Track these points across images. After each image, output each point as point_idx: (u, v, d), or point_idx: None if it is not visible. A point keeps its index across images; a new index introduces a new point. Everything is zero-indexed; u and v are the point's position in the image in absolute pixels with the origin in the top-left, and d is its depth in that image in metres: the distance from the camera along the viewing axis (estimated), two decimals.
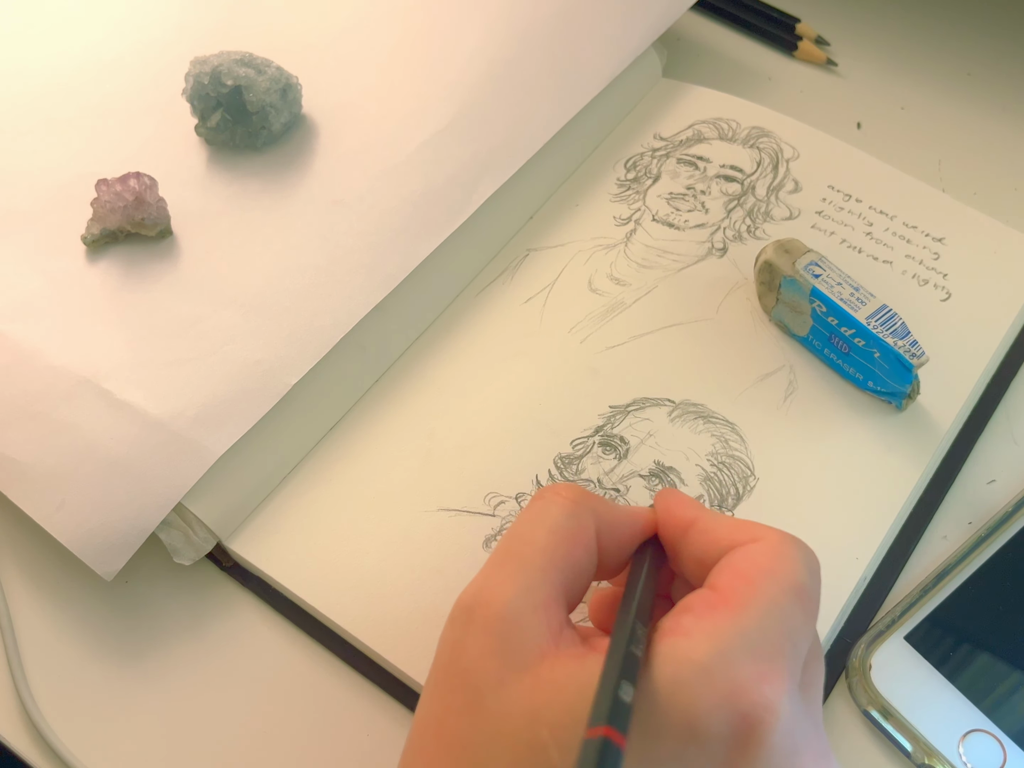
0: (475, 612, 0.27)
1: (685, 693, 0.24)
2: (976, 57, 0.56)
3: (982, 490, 0.40)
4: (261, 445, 0.39)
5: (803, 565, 0.28)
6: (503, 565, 0.28)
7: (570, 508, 0.29)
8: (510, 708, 0.25)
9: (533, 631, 0.26)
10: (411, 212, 0.44)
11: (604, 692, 0.24)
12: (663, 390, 0.41)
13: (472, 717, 0.26)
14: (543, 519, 0.29)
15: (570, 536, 0.28)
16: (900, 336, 0.39)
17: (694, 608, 0.27)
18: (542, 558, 0.28)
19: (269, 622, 0.38)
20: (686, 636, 0.25)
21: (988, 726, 0.34)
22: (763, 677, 0.25)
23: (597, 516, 0.30)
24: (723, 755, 0.24)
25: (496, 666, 0.26)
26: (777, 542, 0.28)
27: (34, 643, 0.37)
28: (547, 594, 0.27)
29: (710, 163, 0.49)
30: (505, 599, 0.27)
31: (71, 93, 0.48)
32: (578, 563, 0.29)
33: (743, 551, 0.28)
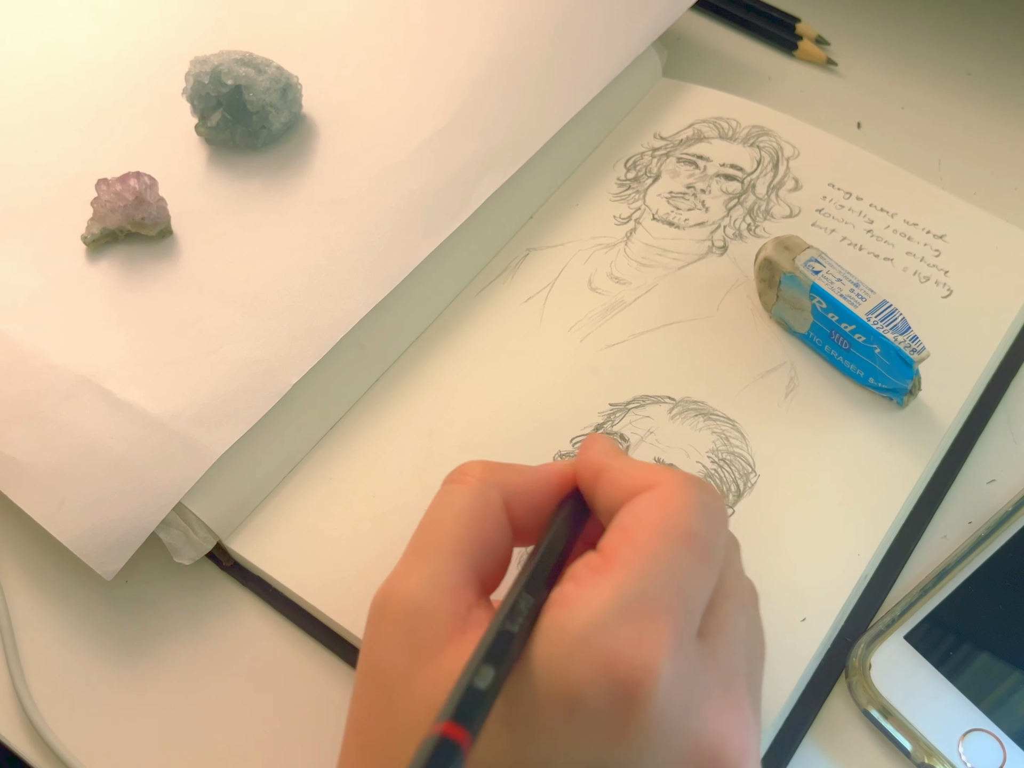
0: (384, 608, 0.27)
1: (560, 667, 0.24)
2: (976, 57, 0.56)
3: (982, 489, 0.40)
4: (261, 445, 0.39)
5: (694, 509, 0.26)
6: (412, 556, 0.28)
7: (475, 487, 0.29)
8: (416, 703, 0.25)
9: (438, 619, 0.26)
10: (411, 212, 0.44)
11: (458, 682, 0.23)
12: (663, 388, 0.41)
13: (385, 716, 0.26)
14: (448, 504, 0.29)
15: (476, 515, 0.28)
16: (901, 332, 0.38)
17: (578, 575, 0.26)
18: (448, 543, 0.27)
19: (269, 621, 0.38)
20: (566, 607, 0.25)
21: (988, 725, 0.34)
22: (640, 640, 0.24)
23: (504, 487, 0.29)
24: (608, 725, 0.24)
25: (404, 660, 0.26)
26: (669, 489, 0.27)
27: (34, 642, 0.37)
28: (454, 580, 0.27)
29: (710, 162, 0.49)
30: (411, 591, 0.27)
31: (71, 93, 0.49)
32: (488, 540, 0.28)
33: (632, 504, 0.27)
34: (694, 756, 0.25)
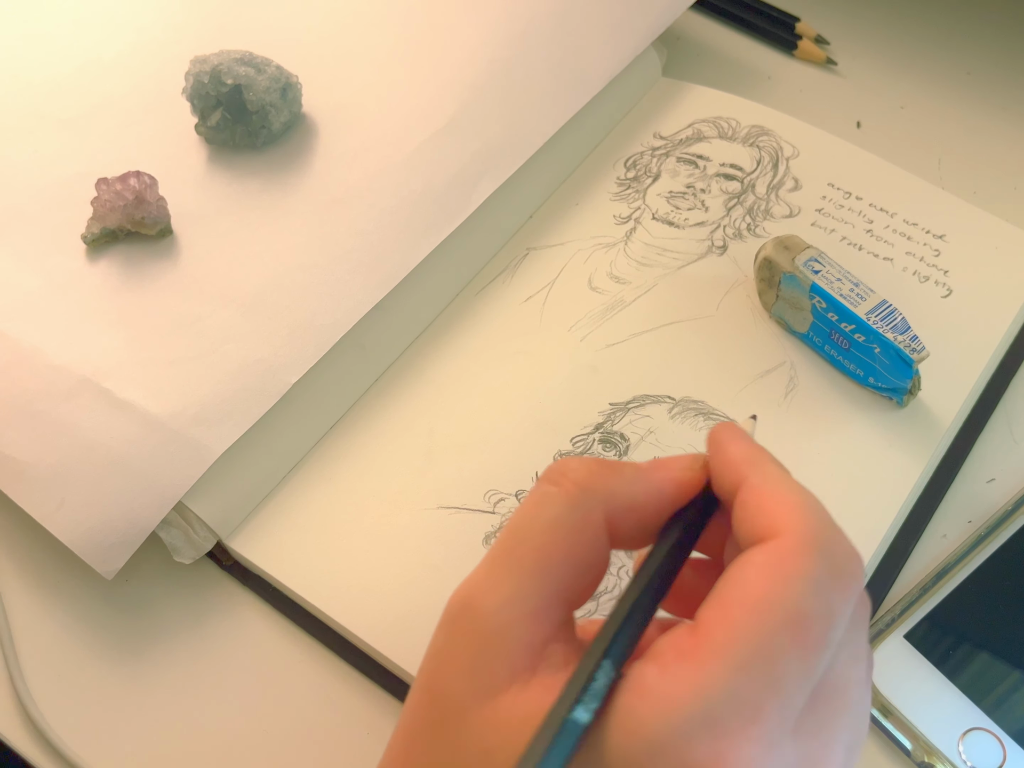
0: (459, 620, 0.25)
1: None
2: (976, 56, 0.56)
3: (982, 489, 0.40)
4: (261, 444, 0.39)
5: (810, 583, 0.23)
6: (495, 565, 0.25)
7: (574, 497, 0.25)
8: (468, 741, 0.23)
9: (511, 649, 0.24)
10: (411, 211, 0.44)
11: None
12: (663, 387, 0.41)
13: (434, 738, 0.24)
14: (542, 511, 0.25)
15: (571, 532, 0.25)
16: (900, 331, 0.38)
17: (663, 656, 0.23)
18: (536, 560, 0.25)
19: (269, 620, 0.38)
20: (644, 699, 0.22)
21: (988, 724, 0.34)
22: (720, 757, 0.21)
23: (609, 500, 0.26)
24: None
25: (464, 688, 0.24)
26: (787, 548, 0.23)
27: (34, 642, 0.37)
28: (535, 603, 0.24)
29: (710, 162, 0.49)
30: (490, 608, 0.24)
31: (71, 92, 0.49)
32: (581, 560, 0.25)
33: (741, 565, 0.24)
34: None
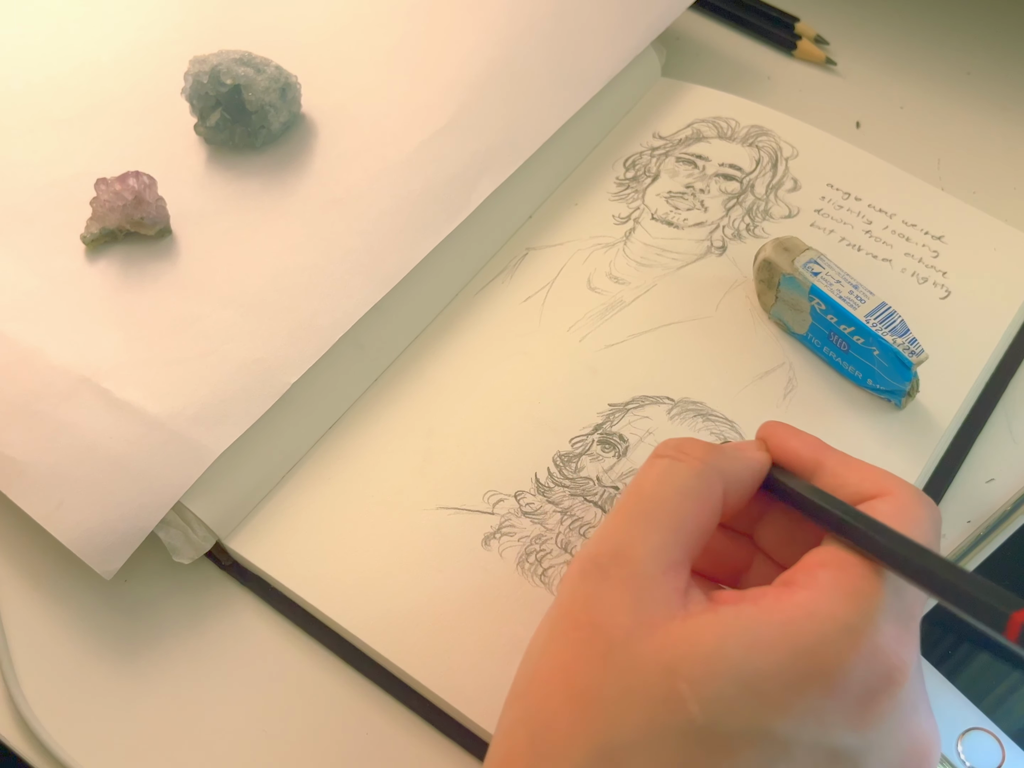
0: (609, 568, 0.27)
1: (829, 650, 0.25)
2: (975, 56, 0.56)
3: (981, 489, 0.40)
4: (260, 444, 0.39)
5: (931, 525, 0.28)
6: (634, 523, 0.28)
7: (699, 469, 0.29)
8: (644, 662, 0.25)
9: (664, 591, 0.26)
10: (410, 211, 0.44)
11: (985, 584, 0.24)
12: (662, 388, 0.41)
13: (604, 670, 0.26)
14: (671, 479, 0.29)
15: (700, 499, 0.28)
16: (899, 334, 0.39)
17: (830, 564, 0.27)
18: (673, 520, 0.28)
19: (268, 620, 0.38)
20: (827, 595, 0.26)
21: (987, 724, 0.34)
22: (900, 639, 0.26)
23: (723, 474, 0.29)
24: (856, 707, 0.25)
25: (629, 622, 0.26)
26: (906, 499, 0.28)
27: (32, 642, 0.37)
28: (676, 557, 0.27)
29: (709, 162, 0.49)
30: (639, 558, 0.27)
31: (71, 92, 0.48)
32: (704, 524, 0.29)
33: (871, 507, 0.28)
34: (909, 751, 0.26)
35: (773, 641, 0.25)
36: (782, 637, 0.25)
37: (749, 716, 0.25)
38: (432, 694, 0.35)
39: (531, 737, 0.26)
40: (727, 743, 0.24)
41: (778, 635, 0.25)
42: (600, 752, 0.25)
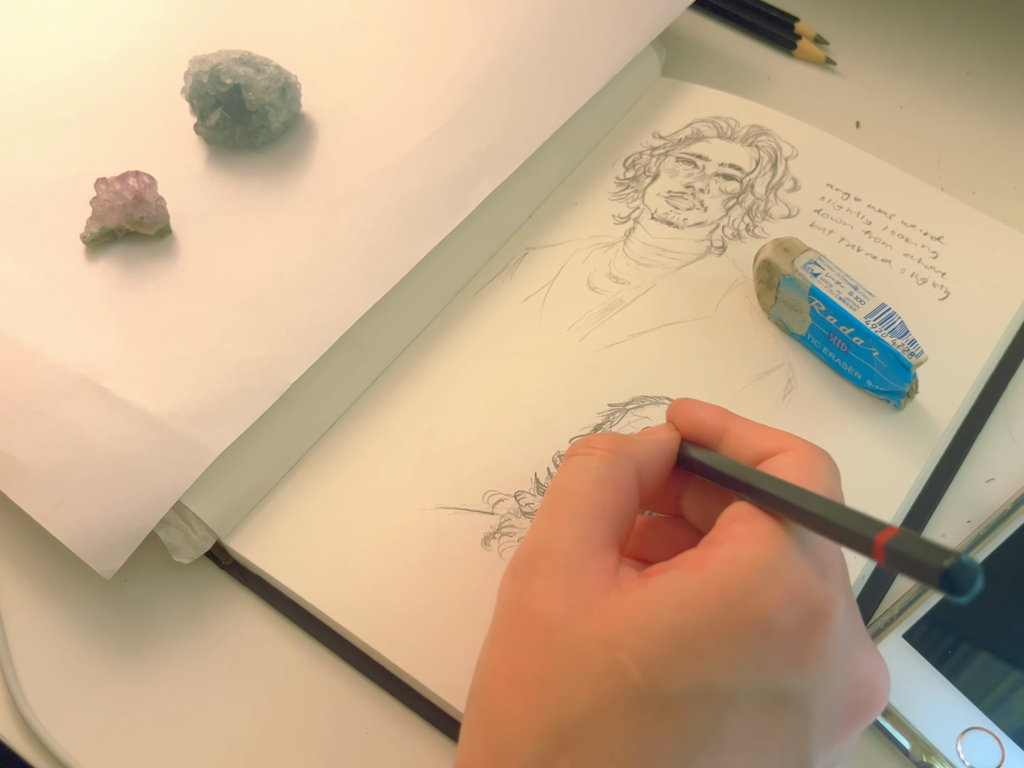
0: (538, 563, 0.28)
1: (756, 593, 0.26)
2: (975, 56, 0.56)
3: (980, 489, 0.41)
4: (260, 443, 0.39)
5: (831, 474, 0.29)
6: (555, 519, 0.29)
7: (609, 458, 0.30)
8: (583, 641, 0.26)
9: (594, 575, 0.27)
10: (410, 211, 0.44)
11: (855, 515, 0.26)
12: (662, 388, 0.41)
13: (546, 655, 0.26)
14: (586, 472, 0.30)
15: (614, 485, 0.30)
16: (899, 335, 0.39)
17: (743, 517, 0.28)
18: (592, 508, 0.29)
19: (268, 620, 0.38)
20: (746, 542, 0.27)
21: (987, 724, 0.34)
22: (822, 573, 0.27)
23: (634, 458, 0.31)
24: (793, 650, 0.26)
25: (564, 607, 0.27)
26: (805, 453, 0.29)
27: (32, 642, 0.37)
28: (601, 541, 0.28)
29: (709, 161, 0.49)
30: (565, 548, 0.28)
31: (70, 92, 0.48)
32: (624, 508, 0.30)
33: (775, 463, 0.29)
34: (855, 687, 0.27)
35: (701, 596, 0.26)
36: (708, 590, 0.26)
37: (689, 674, 0.25)
38: (432, 694, 0.35)
39: (488, 731, 0.27)
40: (672, 704, 0.25)
41: (704, 589, 0.26)
42: (553, 734, 0.25)
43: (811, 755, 0.26)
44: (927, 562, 0.23)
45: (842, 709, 0.27)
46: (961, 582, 0.23)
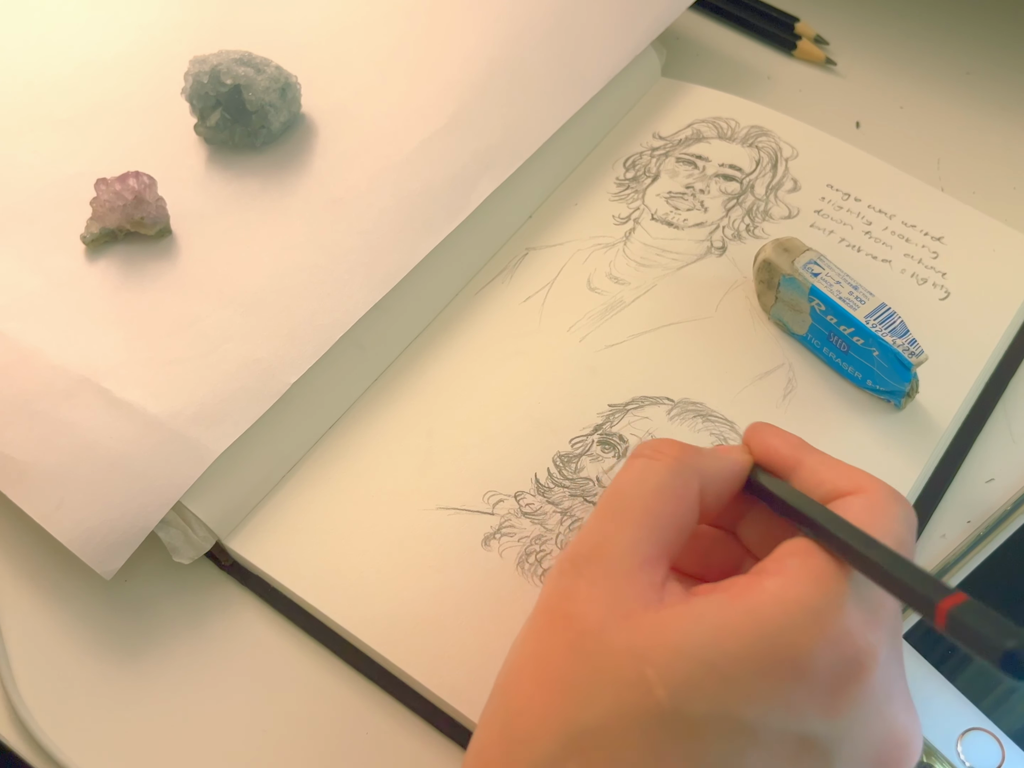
0: (584, 566, 0.28)
1: (796, 634, 0.25)
2: (975, 56, 0.56)
3: (981, 489, 0.41)
4: (260, 444, 0.39)
5: (903, 522, 0.28)
6: (610, 522, 0.29)
7: (674, 467, 0.29)
8: (614, 649, 0.26)
9: (638, 586, 0.27)
10: (410, 211, 0.44)
11: (921, 574, 0.25)
12: (662, 389, 0.41)
13: (574, 658, 0.26)
14: (647, 478, 0.29)
15: (675, 496, 0.29)
16: (899, 335, 0.39)
17: (800, 553, 0.27)
18: (648, 517, 0.28)
19: (268, 621, 0.38)
20: (796, 580, 0.26)
21: (987, 725, 0.34)
22: (868, 625, 0.26)
23: (700, 472, 0.30)
24: (825, 697, 0.25)
25: (601, 613, 0.26)
26: (880, 497, 0.28)
27: (31, 642, 0.37)
28: (652, 552, 0.28)
29: (709, 162, 0.49)
30: (613, 555, 0.28)
31: (71, 92, 0.48)
32: (681, 521, 0.29)
33: (845, 503, 0.28)
34: (885, 743, 0.27)
35: (740, 626, 0.25)
36: (749, 622, 0.25)
37: (716, 701, 0.25)
38: (432, 694, 0.35)
39: (505, 724, 0.27)
40: (694, 728, 0.25)
41: (745, 620, 0.25)
42: (569, 736, 0.25)
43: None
44: (990, 639, 0.23)
45: (868, 762, 0.26)
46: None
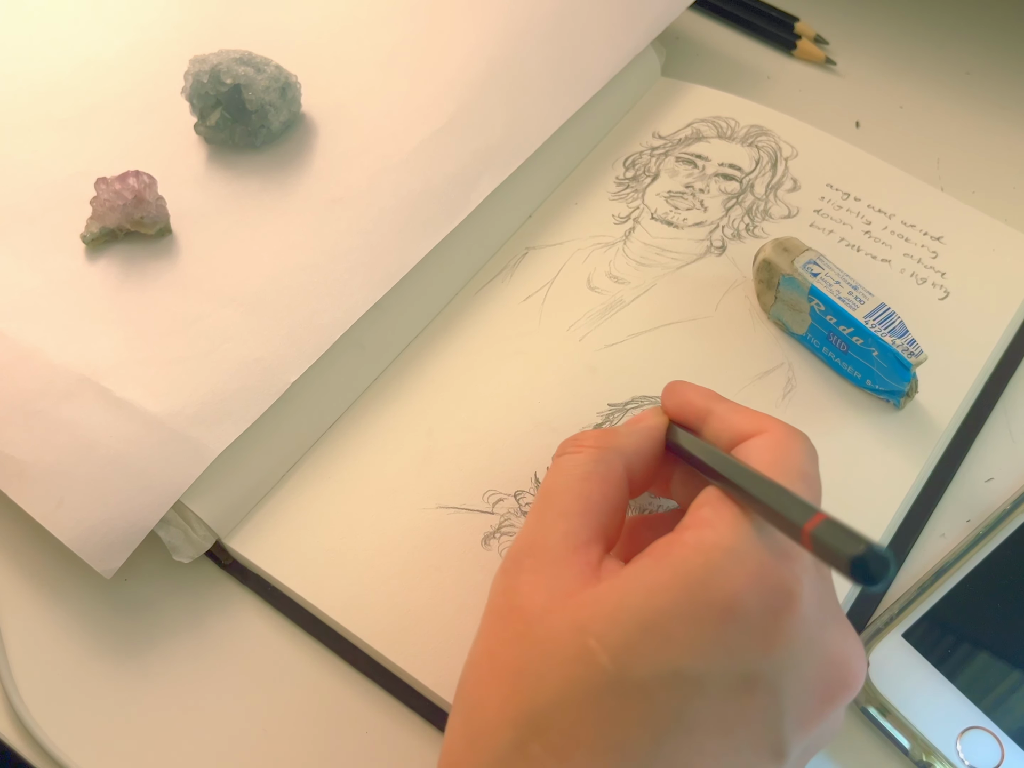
0: (523, 560, 0.29)
1: (720, 576, 0.26)
2: (975, 56, 0.56)
3: (980, 488, 0.41)
4: (260, 443, 0.39)
5: (806, 455, 0.29)
6: (542, 517, 0.30)
7: (595, 454, 0.31)
8: (557, 629, 0.27)
9: (575, 569, 0.28)
10: (410, 210, 0.44)
11: (782, 493, 0.26)
12: (662, 388, 0.41)
13: (522, 645, 0.27)
14: (572, 470, 0.31)
15: (600, 480, 0.30)
16: (898, 335, 0.39)
17: (711, 502, 0.28)
18: (577, 504, 0.30)
19: (268, 620, 0.38)
20: (711, 527, 0.27)
21: (986, 723, 0.34)
22: (787, 556, 0.27)
23: (620, 452, 0.31)
24: (760, 632, 0.26)
25: (543, 599, 0.27)
26: (782, 434, 0.30)
27: (31, 641, 0.37)
28: (584, 536, 0.29)
29: (709, 161, 0.49)
30: (548, 545, 0.29)
31: (71, 92, 0.48)
32: (610, 502, 0.30)
33: (751, 444, 0.30)
34: (828, 667, 0.27)
35: (667, 581, 0.26)
36: (674, 575, 0.26)
37: (657, 658, 0.25)
38: (432, 693, 0.35)
39: (465, 720, 0.28)
40: (640, 688, 0.25)
41: (670, 574, 0.26)
42: (526, 720, 0.26)
43: (785, 737, 0.26)
44: (841, 551, 0.23)
45: (815, 690, 0.27)
46: (874, 571, 0.23)
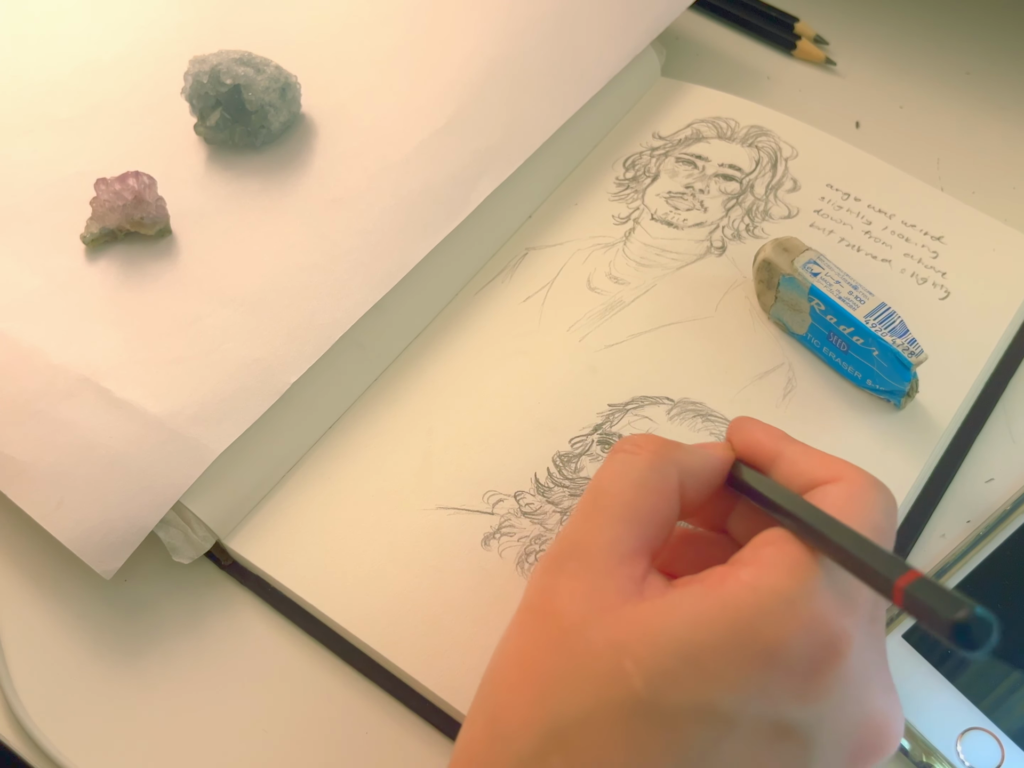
0: (565, 562, 0.28)
1: (770, 621, 0.25)
2: (975, 56, 0.56)
3: (980, 488, 0.41)
4: (260, 443, 0.39)
5: (881, 509, 0.28)
6: (591, 518, 0.29)
7: (653, 461, 0.30)
8: (594, 644, 0.26)
9: (618, 580, 0.27)
10: (410, 211, 0.44)
11: (881, 554, 0.25)
12: (662, 388, 0.41)
13: (557, 652, 0.26)
14: (627, 473, 0.29)
15: (654, 490, 0.29)
16: (899, 334, 0.39)
17: (775, 542, 0.27)
18: (628, 512, 0.29)
19: (268, 620, 0.38)
20: (771, 568, 0.26)
21: (986, 724, 0.34)
22: (841, 610, 0.26)
23: (679, 466, 0.30)
24: (800, 682, 0.25)
25: (582, 608, 0.27)
26: (858, 484, 0.29)
27: (31, 642, 0.37)
28: (631, 547, 0.28)
29: (709, 162, 0.49)
30: (593, 551, 0.28)
31: (70, 92, 0.49)
32: (661, 515, 0.29)
33: (824, 491, 0.29)
34: (864, 727, 0.27)
35: (715, 616, 0.26)
36: (723, 611, 0.26)
37: (692, 691, 0.25)
38: (431, 693, 0.35)
39: (490, 719, 0.27)
40: (671, 718, 0.25)
41: (720, 610, 0.26)
42: (551, 730, 0.26)
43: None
44: (941, 613, 0.23)
45: (847, 748, 0.26)
46: (976, 636, 0.22)
